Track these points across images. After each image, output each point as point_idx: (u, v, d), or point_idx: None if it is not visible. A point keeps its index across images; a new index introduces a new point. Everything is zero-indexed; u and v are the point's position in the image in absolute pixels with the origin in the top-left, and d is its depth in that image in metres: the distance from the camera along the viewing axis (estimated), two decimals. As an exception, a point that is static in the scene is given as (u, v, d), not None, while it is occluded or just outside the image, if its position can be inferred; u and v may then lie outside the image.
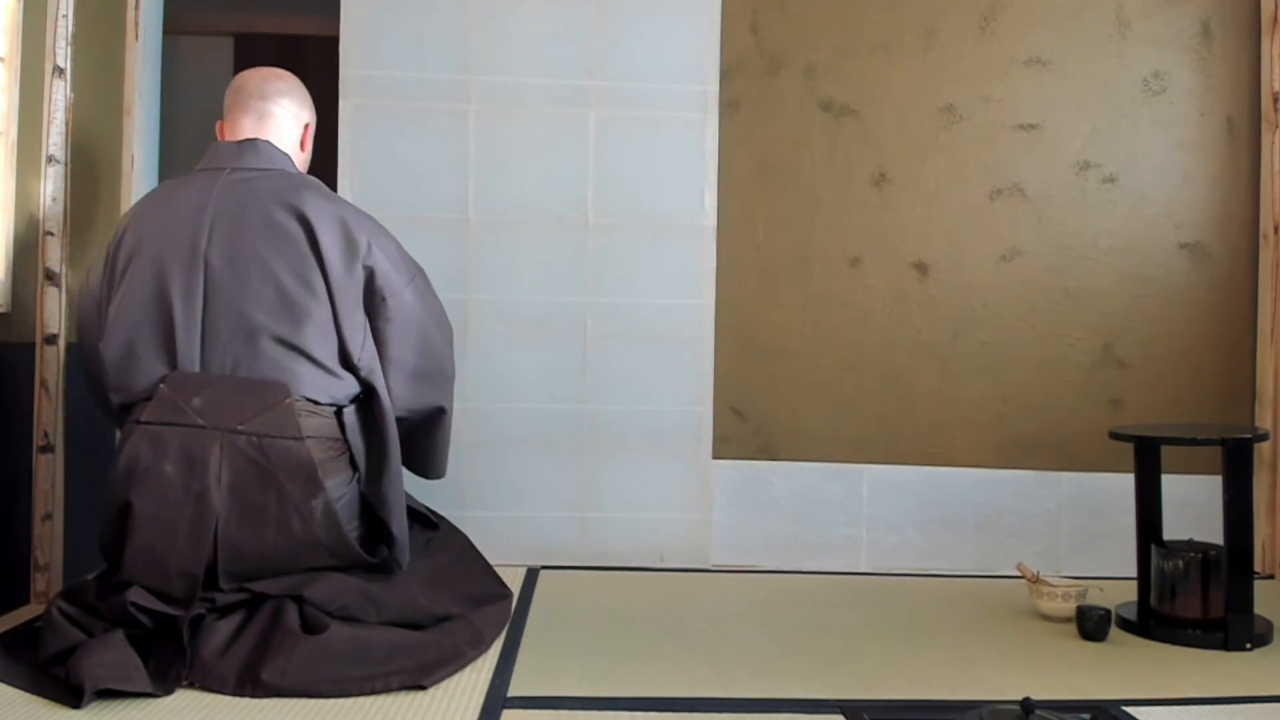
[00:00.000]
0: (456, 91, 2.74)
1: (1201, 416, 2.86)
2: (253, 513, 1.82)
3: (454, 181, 2.73)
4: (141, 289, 1.91)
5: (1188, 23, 2.89)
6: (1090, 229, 2.87)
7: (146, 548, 1.80)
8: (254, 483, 1.82)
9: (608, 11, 2.78)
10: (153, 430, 1.83)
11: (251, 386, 1.87)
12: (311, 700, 1.68)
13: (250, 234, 1.92)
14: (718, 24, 2.80)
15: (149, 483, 1.80)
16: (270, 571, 1.86)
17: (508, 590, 2.24)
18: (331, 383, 1.94)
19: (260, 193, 1.96)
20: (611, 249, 2.74)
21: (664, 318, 2.47)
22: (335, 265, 1.94)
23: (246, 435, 1.82)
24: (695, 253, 2.79)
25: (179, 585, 1.79)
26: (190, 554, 1.79)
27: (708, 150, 2.79)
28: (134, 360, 1.90)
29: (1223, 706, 1.78)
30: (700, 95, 2.79)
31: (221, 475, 1.81)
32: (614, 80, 2.77)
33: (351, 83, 2.71)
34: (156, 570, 1.80)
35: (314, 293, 1.92)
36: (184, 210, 1.94)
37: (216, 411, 1.82)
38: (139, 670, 1.66)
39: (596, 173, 2.76)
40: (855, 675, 1.91)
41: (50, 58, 2.26)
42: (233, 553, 1.82)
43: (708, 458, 2.79)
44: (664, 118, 2.78)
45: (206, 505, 1.80)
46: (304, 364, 1.91)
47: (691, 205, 2.79)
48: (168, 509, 1.79)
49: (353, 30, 2.71)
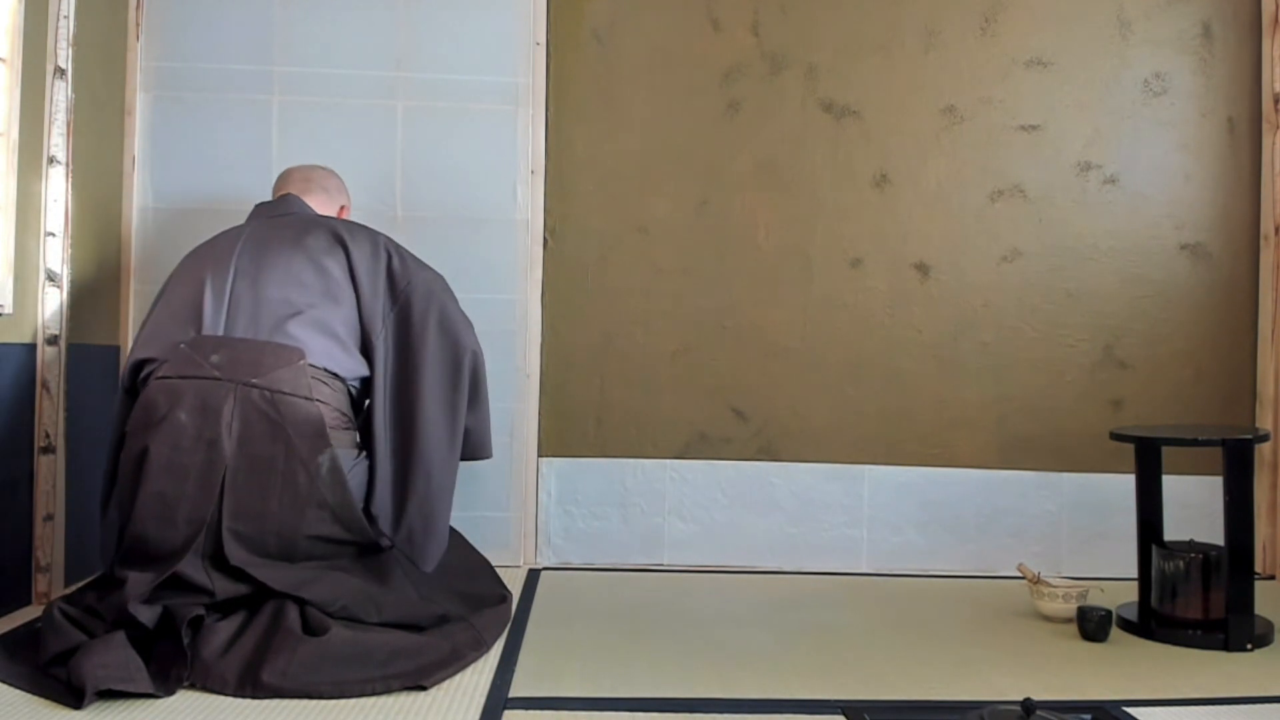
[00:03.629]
0: (259, 83, 2.71)
1: (1202, 417, 2.86)
2: (260, 464, 1.87)
3: (257, 174, 2.69)
4: (177, 295, 2.07)
5: (1188, 24, 2.89)
6: (1091, 230, 2.87)
7: (158, 494, 1.85)
8: (264, 434, 1.88)
9: (417, 2, 2.77)
10: (169, 383, 1.90)
11: (268, 347, 1.96)
12: (312, 701, 1.68)
13: (278, 242, 2.12)
14: (530, 16, 2.78)
15: (164, 429, 1.86)
16: (273, 535, 1.87)
17: (507, 591, 2.25)
18: (346, 358, 2.05)
19: (291, 219, 2.20)
20: (421, 243, 2.59)
21: (476, 313, 2.41)
22: (359, 251, 2.14)
23: (260, 389, 1.89)
24: (508, 247, 2.77)
25: (184, 531, 1.82)
26: (198, 500, 1.84)
27: (519, 143, 2.78)
28: (158, 333, 2.02)
29: (1223, 707, 1.78)
30: (511, 87, 2.78)
31: (233, 425, 1.87)
32: (423, 72, 2.76)
33: (150, 74, 2.70)
34: (165, 518, 1.84)
35: (338, 279, 2.09)
36: (222, 240, 2.17)
37: (232, 366, 1.91)
38: (140, 671, 1.66)
39: (405, 166, 2.73)
40: (856, 676, 1.91)
41: (51, 58, 2.26)
42: (239, 505, 1.86)
43: (532, 457, 2.78)
44: (474, 110, 2.77)
45: (217, 452, 1.85)
46: (320, 337, 2.02)
47: (503, 199, 2.77)
48: (180, 455, 1.85)
49: (151, 21, 2.70)
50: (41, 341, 2.24)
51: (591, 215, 2.83)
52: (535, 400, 2.78)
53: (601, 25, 2.84)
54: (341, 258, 2.13)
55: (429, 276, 2.24)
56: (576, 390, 2.82)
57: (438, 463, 2.15)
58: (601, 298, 2.83)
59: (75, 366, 2.32)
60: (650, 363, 2.83)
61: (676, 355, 2.84)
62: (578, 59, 2.84)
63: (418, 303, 2.17)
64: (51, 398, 2.25)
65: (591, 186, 2.84)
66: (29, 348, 2.21)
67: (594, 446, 2.82)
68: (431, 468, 2.14)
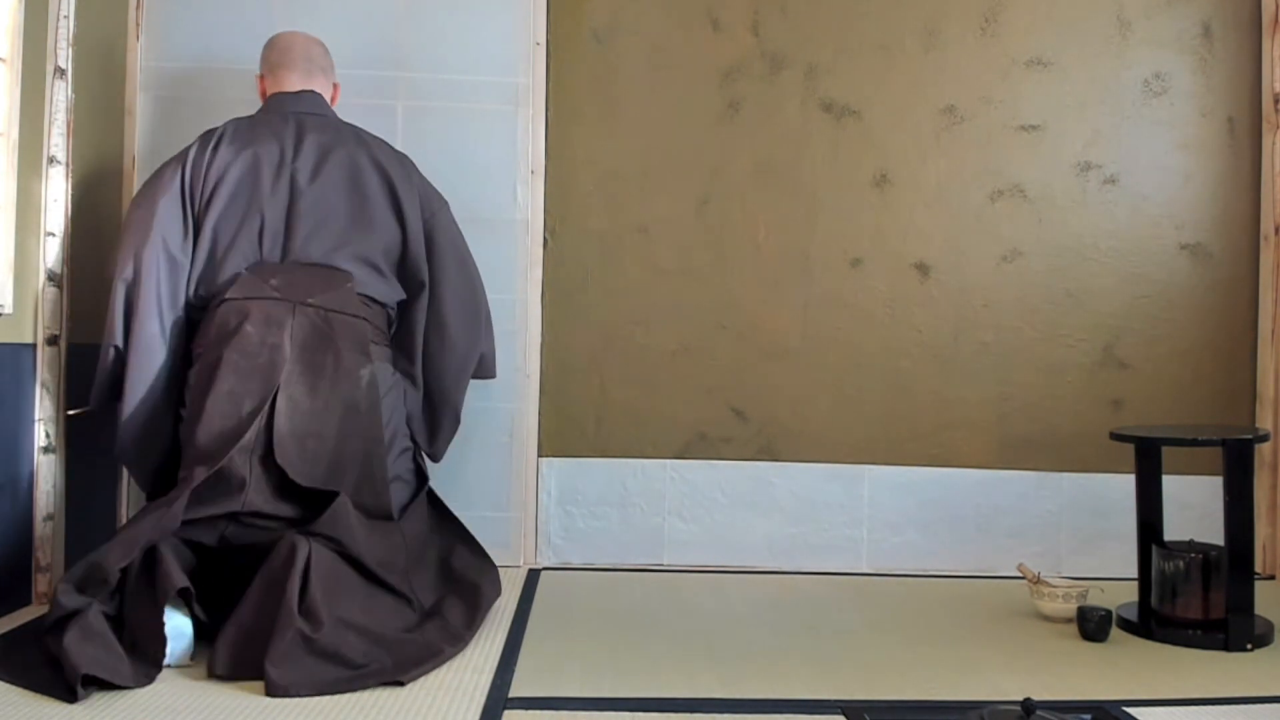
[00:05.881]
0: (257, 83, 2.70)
1: (1202, 417, 2.86)
2: (313, 369, 2.11)
3: None
4: (239, 194, 2.25)
5: (1188, 24, 2.89)
6: (1091, 230, 2.88)
7: (228, 392, 2.06)
8: (318, 344, 2.12)
9: (417, 2, 2.77)
10: (237, 303, 2.14)
11: (321, 271, 2.23)
12: (312, 700, 1.68)
13: (328, 157, 2.31)
14: (530, 16, 2.79)
15: (236, 340, 2.09)
16: (314, 436, 2.06)
17: (495, 579, 2.25)
18: (384, 285, 2.31)
19: (329, 129, 2.36)
20: None
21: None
22: (402, 185, 2.35)
23: (315, 307, 2.15)
24: (508, 247, 2.77)
25: (245, 421, 2.02)
26: (260, 392, 2.05)
27: (519, 143, 2.78)
28: (226, 255, 2.22)
29: (1223, 707, 1.78)
30: (511, 87, 2.78)
31: (294, 334, 2.11)
32: (423, 72, 2.77)
33: (150, 74, 2.70)
34: (231, 412, 2.04)
35: (380, 208, 2.32)
36: (269, 134, 2.31)
37: (291, 288, 2.16)
38: (123, 662, 1.71)
39: None
40: (856, 675, 1.91)
41: (51, 58, 2.26)
42: (292, 400, 2.06)
43: (532, 457, 2.78)
44: (474, 110, 2.77)
45: (279, 354, 2.09)
46: (363, 266, 2.27)
47: (504, 199, 2.78)
48: (247, 358, 2.08)
49: (151, 21, 2.70)
50: (41, 341, 2.24)
51: (591, 215, 2.84)
52: (535, 400, 2.78)
53: (601, 25, 2.84)
54: (384, 190, 2.34)
55: (444, 211, 2.46)
56: (576, 390, 2.82)
57: (456, 366, 2.43)
58: (601, 298, 2.83)
59: (75, 366, 2.32)
60: (650, 363, 2.83)
61: (676, 355, 2.84)
62: (578, 59, 2.84)
63: (440, 234, 2.42)
64: (51, 398, 2.25)
65: (591, 186, 2.84)
66: (29, 348, 2.21)
67: (594, 446, 2.82)
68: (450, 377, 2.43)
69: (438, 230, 2.41)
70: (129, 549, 1.85)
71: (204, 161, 2.26)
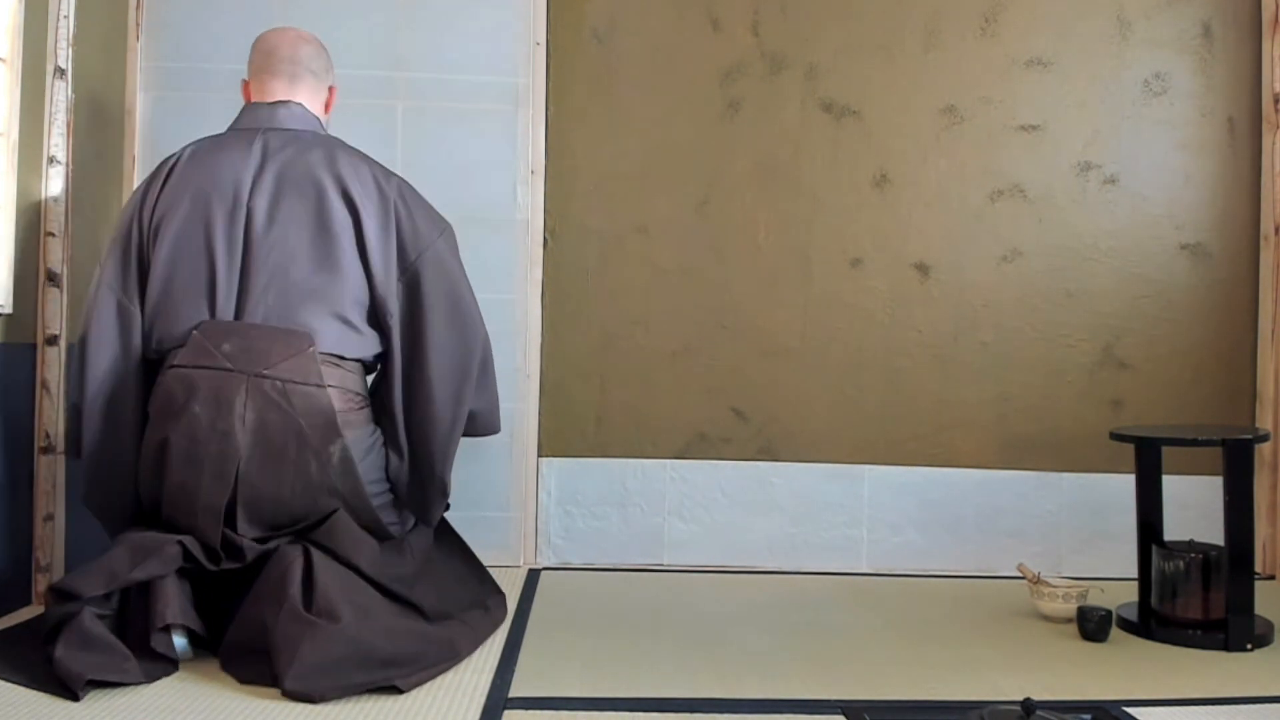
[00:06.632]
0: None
1: (1202, 417, 2.86)
2: (273, 454, 1.91)
3: None
4: (185, 236, 2.01)
5: (1188, 24, 2.89)
6: (1091, 230, 2.87)
7: (180, 485, 1.90)
8: (276, 425, 1.91)
9: (417, 2, 2.77)
10: (184, 373, 1.93)
11: (278, 334, 1.96)
12: (311, 701, 1.68)
13: (289, 190, 2.04)
14: (530, 16, 2.78)
15: (182, 421, 1.90)
16: (287, 519, 1.93)
17: (500, 599, 2.23)
18: (356, 339, 2.05)
19: (298, 152, 2.08)
20: None
21: (481, 313, 2.44)
22: (370, 222, 2.06)
23: (271, 379, 1.91)
24: (508, 247, 2.77)
25: (203, 520, 1.87)
26: (214, 490, 1.88)
27: (519, 143, 2.78)
28: (174, 307, 2.00)
29: (1223, 707, 1.78)
30: (511, 87, 2.78)
31: (246, 416, 1.90)
32: (423, 72, 2.76)
33: (150, 74, 2.70)
34: (187, 507, 1.89)
35: (347, 250, 2.04)
36: (225, 164, 2.06)
37: (244, 356, 1.92)
38: (128, 660, 1.70)
39: (404, 166, 2.67)
40: (856, 675, 1.91)
41: (51, 58, 2.26)
42: (252, 492, 1.89)
43: (532, 457, 2.78)
44: (474, 110, 2.77)
45: (231, 443, 1.89)
46: (330, 320, 2.02)
47: (503, 199, 2.77)
48: (196, 446, 1.89)
49: (151, 21, 2.70)
50: (41, 341, 2.24)
51: (591, 215, 2.84)
52: (535, 400, 2.78)
53: (601, 25, 2.84)
54: (350, 227, 2.05)
55: (439, 246, 2.15)
56: (576, 390, 2.82)
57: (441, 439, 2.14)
58: (601, 298, 2.83)
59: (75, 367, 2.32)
60: (650, 363, 2.83)
61: (676, 355, 2.84)
62: (578, 59, 2.84)
63: (427, 281, 2.11)
64: (51, 398, 2.25)
65: (591, 186, 2.84)
66: (29, 348, 2.21)
67: (594, 446, 2.82)
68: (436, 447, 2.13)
69: (426, 273, 2.11)
70: (109, 581, 1.78)
71: (153, 197, 2.05)
